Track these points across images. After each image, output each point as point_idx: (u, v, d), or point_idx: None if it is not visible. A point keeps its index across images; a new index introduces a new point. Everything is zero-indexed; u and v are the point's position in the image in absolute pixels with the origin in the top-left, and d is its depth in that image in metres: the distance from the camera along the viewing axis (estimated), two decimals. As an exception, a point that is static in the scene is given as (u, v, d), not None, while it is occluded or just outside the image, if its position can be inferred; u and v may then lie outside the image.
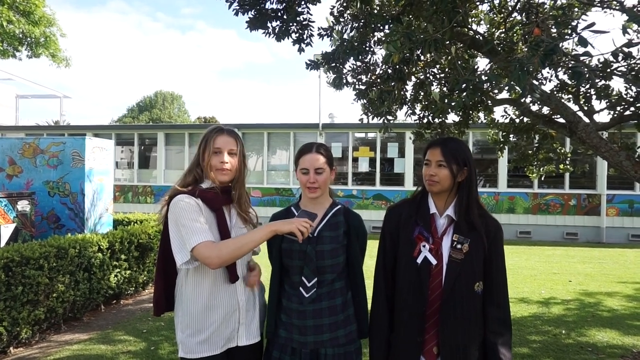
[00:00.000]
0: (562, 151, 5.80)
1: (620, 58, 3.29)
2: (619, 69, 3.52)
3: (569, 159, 5.94)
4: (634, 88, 3.89)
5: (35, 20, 11.06)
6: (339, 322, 2.01)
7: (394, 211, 2.04)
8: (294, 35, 4.45)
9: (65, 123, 22.13)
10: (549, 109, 4.14)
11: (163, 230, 2.05)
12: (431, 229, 1.92)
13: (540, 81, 4.53)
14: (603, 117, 20.68)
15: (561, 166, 5.95)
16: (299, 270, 2.02)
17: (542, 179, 6.65)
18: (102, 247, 5.37)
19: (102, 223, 6.68)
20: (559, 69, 3.96)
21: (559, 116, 4.01)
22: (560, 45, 2.28)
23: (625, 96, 3.97)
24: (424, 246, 1.89)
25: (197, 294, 1.99)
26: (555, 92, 4.48)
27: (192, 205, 1.92)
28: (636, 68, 3.48)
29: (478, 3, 4.49)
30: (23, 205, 5.74)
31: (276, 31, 4.37)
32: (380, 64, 4.72)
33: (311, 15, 4.41)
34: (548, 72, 4.48)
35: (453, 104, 3.25)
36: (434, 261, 1.87)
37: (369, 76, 4.76)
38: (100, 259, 5.33)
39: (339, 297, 2.03)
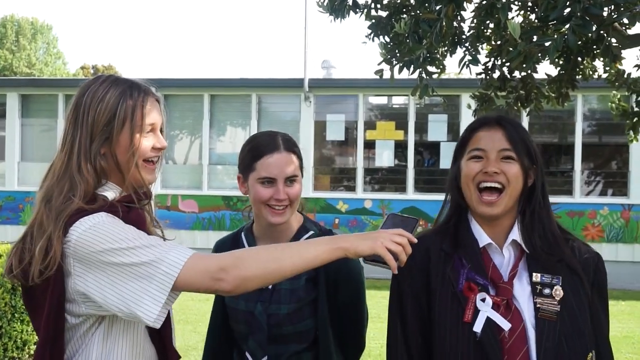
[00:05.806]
0: None
1: None
2: None
3: None
4: None
5: None
6: None
7: (416, 249, 1.39)
8: None
9: None
10: None
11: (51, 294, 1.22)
12: (488, 270, 1.38)
13: None
14: None
15: None
16: (245, 341, 1.59)
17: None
18: None
19: None
20: None
21: None
22: None
23: None
24: (482, 300, 1.34)
25: None
26: None
27: (122, 222, 1.28)
28: None
29: None
30: None
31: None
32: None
33: None
34: None
35: (547, 44, 2.40)
36: (506, 325, 1.32)
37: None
38: None
39: None
